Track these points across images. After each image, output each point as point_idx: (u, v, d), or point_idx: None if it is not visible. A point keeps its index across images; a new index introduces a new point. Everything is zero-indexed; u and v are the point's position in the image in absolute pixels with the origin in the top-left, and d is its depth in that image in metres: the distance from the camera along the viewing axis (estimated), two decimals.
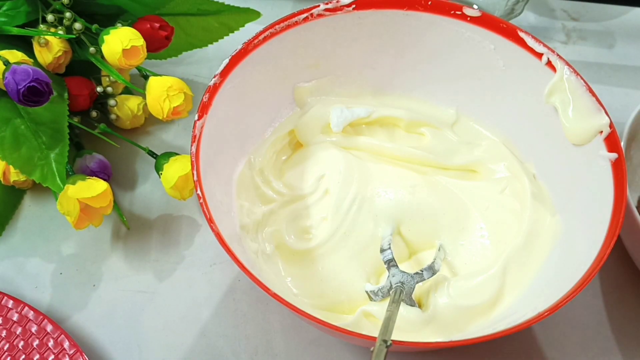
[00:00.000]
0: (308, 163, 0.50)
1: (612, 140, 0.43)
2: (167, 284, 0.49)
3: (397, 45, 0.51)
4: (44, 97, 0.45)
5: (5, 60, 0.46)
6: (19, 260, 0.50)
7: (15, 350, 0.44)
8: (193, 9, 0.55)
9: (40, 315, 0.45)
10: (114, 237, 0.51)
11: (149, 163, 0.54)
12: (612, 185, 0.42)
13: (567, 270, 0.41)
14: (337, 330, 0.37)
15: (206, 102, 0.44)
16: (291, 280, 0.45)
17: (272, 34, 0.47)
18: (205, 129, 0.43)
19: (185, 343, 0.46)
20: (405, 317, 0.42)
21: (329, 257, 0.46)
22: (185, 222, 0.52)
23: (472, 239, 0.47)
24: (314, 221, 0.47)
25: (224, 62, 0.46)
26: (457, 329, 0.43)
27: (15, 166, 0.46)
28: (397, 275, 0.43)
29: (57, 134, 0.48)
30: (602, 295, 0.49)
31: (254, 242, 0.46)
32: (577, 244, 0.43)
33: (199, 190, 0.41)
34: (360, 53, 0.52)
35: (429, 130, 0.52)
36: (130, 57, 0.48)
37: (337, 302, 0.44)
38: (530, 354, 0.46)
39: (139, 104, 0.54)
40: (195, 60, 0.59)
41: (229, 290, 0.48)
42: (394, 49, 0.52)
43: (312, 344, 0.46)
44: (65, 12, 0.49)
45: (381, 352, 0.34)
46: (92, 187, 0.45)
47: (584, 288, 0.38)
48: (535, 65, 0.47)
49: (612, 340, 0.47)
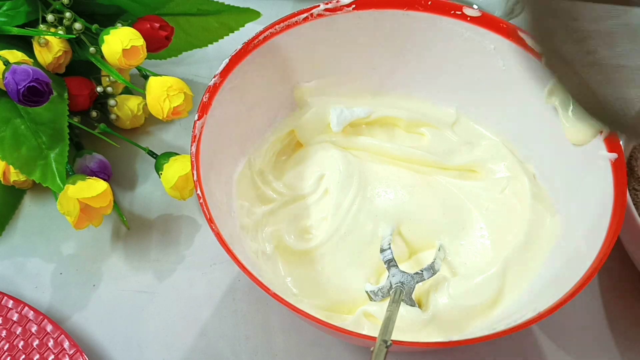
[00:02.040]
0: (308, 163, 0.50)
1: (612, 140, 0.43)
2: (167, 284, 0.49)
3: (397, 46, 0.51)
4: (44, 97, 0.45)
5: (5, 60, 0.46)
6: (19, 260, 0.50)
7: (15, 350, 0.44)
8: (193, 9, 0.55)
9: (40, 315, 0.45)
10: (114, 237, 0.51)
11: (149, 163, 0.54)
12: (612, 185, 0.42)
13: (567, 270, 0.41)
14: (337, 330, 0.37)
15: (206, 102, 0.44)
16: (291, 280, 0.45)
17: (272, 34, 0.47)
18: (205, 129, 0.43)
19: (185, 343, 0.46)
20: (405, 317, 0.42)
21: (329, 257, 0.46)
22: (185, 222, 0.52)
23: (472, 239, 0.47)
24: (314, 221, 0.47)
25: (224, 62, 0.46)
26: (457, 329, 0.43)
27: (15, 166, 0.46)
28: (397, 275, 0.43)
29: (57, 134, 0.48)
30: (602, 295, 0.49)
31: (253, 242, 0.46)
32: (577, 244, 0.43)
33: (199, 190, 0.41)
34: (360, 53, 0.52)
35: (428, 130, 0.52)
36: (130, 57, 0.48)
37: (337, 302, 0.44)
38: (530, 354, 0.46)
39: (139, 104, 0.54)
40: (195, 60, 0.59)
41: (229, 290, 0.48)
42: (394, 49, 0.52)
43: (312, 344, 0.46)
44: (65, 12, 0.49)
45: (381, 352, 0.34)
46: (92, 187, 0.45)
47: (584, 288, 0.38)
48: (535, 65, 0.47)
49: (612, 340, 0.47)
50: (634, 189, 0.48)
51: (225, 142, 0.46)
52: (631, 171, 0.49)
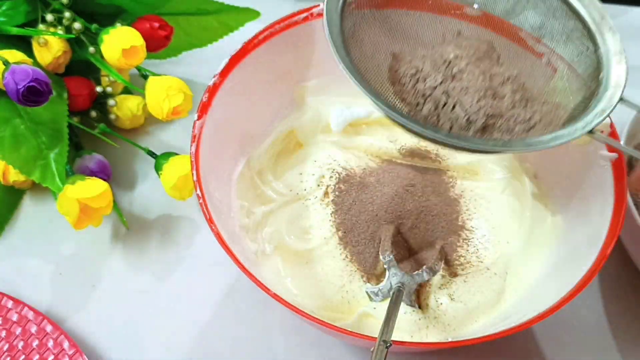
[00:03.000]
0: (308, 163, 0.50)
1: None
2: (167, 284, 0.49)
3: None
4: (43, 97, 0.45)
5: (5, 60, 0.46)
6: (19, 260, 0.50)
7: (15, 350, 0.44)
8: (192, 8, 0.55)
9: (39, 315, 0.45)
10: (114, 237, 0.51)
11: (148, 163, 0.54)
12: (612, 185, 0.42)
13: (567, 270, 0.41)
14: (337, 331, 0.37)
15: (206, 102, 0.44)
16: (291, 280, 0.45)
17: (272, 34, 0.47)
18: (204, 129, 0.43)
19: (185, 343, 0.46)
20: (405, 317, 0.42)
21: (328, 257, 0.46)
22: (185, 222, 0.52)
23: (472, 239, 0.47)
24: (314, 221, 0.47)
25: (223, 62, 0.45)
26: (457, 329, 0.43)
27: (15, 166, 0.46)
28: (397, 275, 0.43)
29: (57, 134, 0.48)
30: (602, 295, 0.49)
31: (253, 242, 0.46)
32: (577, 244, 0.43)
33: (198, 190, 0.41)
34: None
35: None
36: (130, 57, 0.48)
37: (337, 303, 0.44)
38: (530, 354, 0.46)
39: (138, 104, 0.54)
40: (195, 60, 0.59)
41: (229, 290, 0.48)
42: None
43: (312, 344, 0.46)
44: (64, 11, 0.49)
45: (381, 352, 0.34)
46: (91, 187, 0.45)
47: (584, 288, 0.38)
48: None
49: (612, 340, 0.47)
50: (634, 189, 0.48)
51: (225, 142, 0.46)
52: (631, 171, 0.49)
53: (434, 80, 0.38)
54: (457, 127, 0.38)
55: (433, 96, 0.38)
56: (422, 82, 0.39)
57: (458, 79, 0.39)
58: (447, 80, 0.39)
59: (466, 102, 0.38)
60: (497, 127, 0.38)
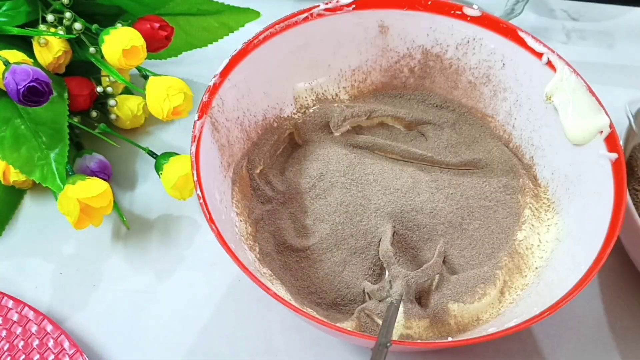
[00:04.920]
0: (308, 162, 0.50)
1: (612, 140, 0.43)
2: (167, 284, 0.49)
3: (397, 45, 0.51)
4: (43, 97, 0.45)
5: (5, 60, 0.46)
6: (19, 260, 0.50)
7: (15, 350, 0.44)
8: (193, 9, 0.55)
9: (40, 315, 0.45)
10: (114, 237, 0.51)
11: (149, 163, 0.54)
12: (612, 185, 0.42)
13: (567, 270, 0.41)
14: (337, 330, 0.37)
15: (206, 102, 0.44)
16: (291, 279, 0.45)
17: (272, 34, 0.47)
18: (205, 128, 0.43)
19: (185, 343, 0.46)
20: (405, 316, 0.42)
21: (328, 256, 0.46)
22: (185, 222, 0.52)
23: (472, 238, 0.47)
24: (314, 220, 0.47)
25: (223, 62, 0.46)
26: (458, 329, 0.43)
27: (15, 166, 0.47)
28: (396, 274, 0.43)
29: (57, 134, 0.48)
30: (602, 295, 0.49)
31: (253, 241, 0.46)
32: (577, 244, 0.43)
33: (198, 190, 0.41)
34: (360, 53, 0.52)
35: (429, 129, 0.52)
36: (130, 57, 0.48)
37: (337, 302, 0.44)
38: (530, 354, 0.46)
39: (139, 104, 0.54)
40: (195, 60, 0.59)
41: (229, 290, 0.48)
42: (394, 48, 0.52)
43: (312, 344, 0.46)
44: (65, 12, 0.49)
45: (381, 352, 0.34)
46: (92, 187, 0.45)
47: (583, 288, 0.38)
48: (536, 65, 0.47)
49: (612, 340, 0.47)
50: (634, 189, 0.48)
51: (225, 142, 0.46)
52: (631, 171, 0.49)
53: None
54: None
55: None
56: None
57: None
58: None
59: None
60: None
